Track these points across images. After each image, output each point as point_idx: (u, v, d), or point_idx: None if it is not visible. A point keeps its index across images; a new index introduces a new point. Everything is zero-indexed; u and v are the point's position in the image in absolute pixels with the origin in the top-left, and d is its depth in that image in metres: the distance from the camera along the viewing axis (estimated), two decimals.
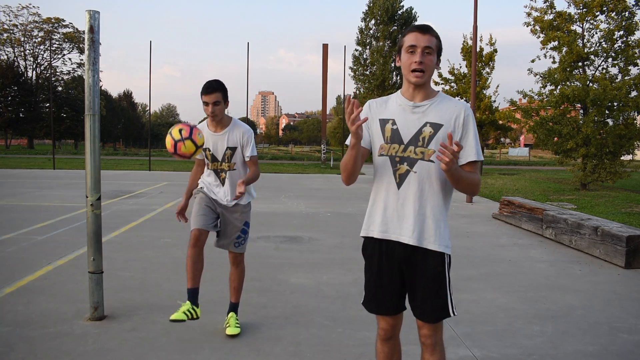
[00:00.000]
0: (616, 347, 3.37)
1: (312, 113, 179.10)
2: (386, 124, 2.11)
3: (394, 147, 2.08)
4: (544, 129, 14.59)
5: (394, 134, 2.08)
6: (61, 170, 20.24)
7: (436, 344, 2.12)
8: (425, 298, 2.07)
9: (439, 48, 2.05)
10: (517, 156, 52.30)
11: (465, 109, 2.08)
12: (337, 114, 72.73)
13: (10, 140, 52.31)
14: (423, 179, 2.04)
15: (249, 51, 24.28)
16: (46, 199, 10.83)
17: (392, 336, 2.21)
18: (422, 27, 2.04)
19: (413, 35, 2.02)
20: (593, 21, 14.50)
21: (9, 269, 4.97)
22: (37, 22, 48.78)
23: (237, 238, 3.43)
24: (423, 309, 2.09)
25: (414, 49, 2.01)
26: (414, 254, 2.06)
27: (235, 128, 3.38)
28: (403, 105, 2.10)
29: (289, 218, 8.73)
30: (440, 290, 2.07)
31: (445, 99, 2.10)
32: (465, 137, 2.06)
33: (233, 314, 3.50)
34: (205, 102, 3.27)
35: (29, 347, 3.16)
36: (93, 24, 3.56)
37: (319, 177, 20.12)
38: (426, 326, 2.10)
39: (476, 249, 6.27)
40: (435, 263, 2.06)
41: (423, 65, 2.00)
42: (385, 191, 2.11)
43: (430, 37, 2.02)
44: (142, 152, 46.86)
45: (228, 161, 3.39)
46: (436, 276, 2.06)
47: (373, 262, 2.16)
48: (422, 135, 2.04)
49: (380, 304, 2.16)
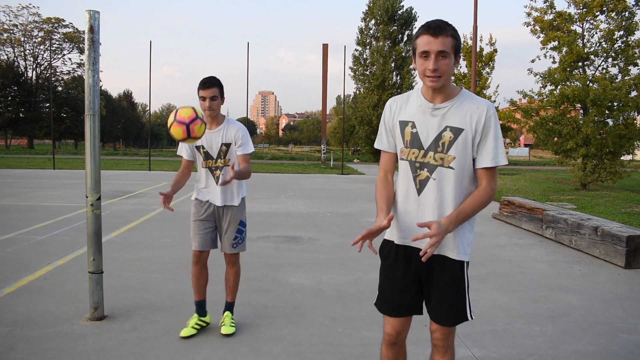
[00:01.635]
0: (616, 347, 3.37)
1: (312, 113, 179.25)
2: (406, 127, 2.05)
3: (413, 152, 2.03)
4: (544, 129, 14.59)
5: (413, 138, 2.02)
6: (61, 170, 20.24)
7: (448, 347, 2.10)
8: (442, 302, 2.04)
9: (456, 47, 1.91)
10: (517, 156, 52.30)
11: (487, 110, 1.96)
12: (337, 114, 72.72)
13: (10, 140, 52.31)
14: (443, 186, 1.99)
15: (249, 51, 24.28)
16: (46, 199, 10.83)
17: (397, 342, 2.18)
18: (434, 28, 1.88)
19: (425, 38, 1.89)
20: (593, 21, 14.49)
21: (9, 269, 4.97)
22: (37, 22, 48.83)
23: (234, 239, 3.45)
24: (439, 313, 2.06)
25: (427, 54, 1.89)
26: (432, 260, 2.01)
27: (230, 125, 3.41)
28: (423, 106, 2.02)
29: (289, 218, 8.72)
30: (459, 294, 2.04)
31: (467, 99, 2.00)
32: (483, 140, 1.97)
33: (228, 313, 3.52)
34: (202, 96, 3.29)
35: (29, 347, 3.16)
36: (93, 24, 3.56)
37: (319, 177, 20.12)
38: (440, 329, 2.07)
39: (476, 249, 6.27)
40: (454, 268, 2.02)
41: (438, 72, 1.89)
42: (405, 196, 2.07)
43: (444, 38, 1.87)
44: (142, 152, 46.86)
45: (223, 157, 3.40)
46: (455, 280, 2.03)
47: (388, 263, 2.13)
48: (441, 140, 1.97)
49: (391, 305, 2.13)
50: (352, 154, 43.72)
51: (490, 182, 1.99)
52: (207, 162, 3.42)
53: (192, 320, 3.44)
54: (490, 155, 1.96)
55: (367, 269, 5.22)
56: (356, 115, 36.58)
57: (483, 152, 1.97)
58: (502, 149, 1.98)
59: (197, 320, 3.45)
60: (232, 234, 3.44)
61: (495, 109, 2.02)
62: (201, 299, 3.50)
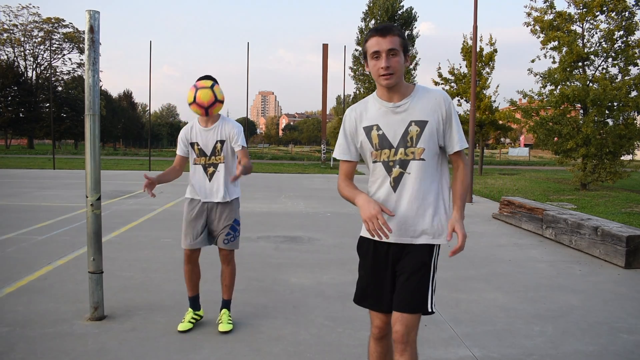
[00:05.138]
0: (616, 347, 3.37)
1: (312, 113, 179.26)
2: (371, 131, 2.10)
3: (384, 153, 2.08)
4: (544, 129, 14.59)
5: (381, 140, 2.08)
6: (61, 170, 20.24)
7: (408, 344, 2.00)
8: (404, 287, 2.04)
9: (404, 45, 2.01)
10: (517, 156, 52.28)
11: (445, 99, 2.07)
12: (337, 114, 72.66)
13: (10, 140, 52.32)
14: (417, 178, 2.05)
15: (249, 51, 24.28)
16: (46, 199, 10.83)
17: (386, 334, 2.18)
18: (381, 29, 1.99)
19: (374, 40, 1.98)
20: (593, 21, 14.49)
21: (9, 269, 4.97)
22: (37, 22, 48.82)
23: (226, 235, 3.46)
24: (399, 299, 2.04)
25: (378, 54, 1.98)
26: (405, 248, 2.08)
27: (225, 123, 3.48)
28: (383, 108, 2.08)
29: (289, 218, 8.72)
30: (422, 281, 2.04)
31: (423, 93, 2.08)
32: (448, 128, 2.07)
33: (226, 311, 3.56)
34: None
35: (29, 347, 3.16)
36: (93, 24, 3.56)
37: (319, 177, 20.12)
38: (400, 320, 2.01)
39: (476, 249, 6.26)
40: (422, 254, 2.06)
41: (390, 69, 1.97)
42: (382, 196, 2.10)
43: (392, 37, 1.97)
44: (142, 152, 46.84)
45: (218, 154, 3.45)
46: (421, 266, 2.05)
47: (368, 259, 2.18)
48: (409, 135, 2.04)
49: (375, 299, 2.15)
50: None
51: (464, 160, 2.14)
52: (200, 159, 3.48)
53: (188, 315, 3.56)
54: (456, 139, 2.08)
55: None
56: None
57: (451, 139, 2.09)
58: (462, 133, 2.11)
59: (192, 314, 3.58)
60: (226, 230, 3.46)
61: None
62: (194, 294, 3.61)
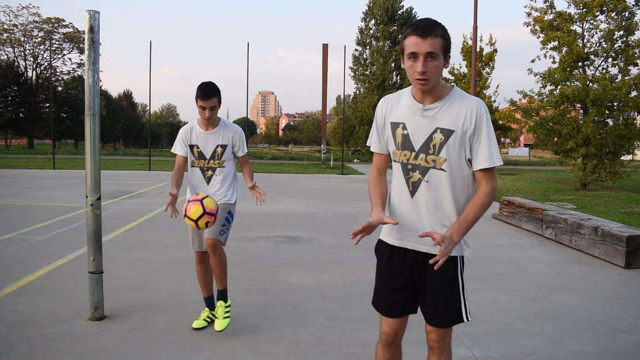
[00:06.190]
0: (616, 347, 3.37)
1: (312, 113, 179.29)
2: (397, 128, 2.03)
3: (405, 154, 2.01)
4: (544, 129, 14.58)
5: (404, 140, 2.00)
6: (61, 170, 20.24)
7: (444, 349, 2.06)
8: (436, 303, 2.00)
9: (445, 48, 1.86)
10: (517, 156, 52.27)
11: (478, 109, 1.92)
12: (337, 114, 72.71)
13: (10, 140, 52.30)
14: (436, 187, 1.97)
15: (249, 51, 24.28)
16: (46, 199, 10.83)
17: (393, 342, 2.16)
18: (423, 29, 1.82)
19: (413, 39, 1.83)
20: (593, 21, 14.49)
21: (9, 269, 4.97)
22: (37, 22, 48.81)
23: (222, 226, 3.45)
24: (434, 314, 2.02)
25: (415, 56, 1.83)
26: (426, 259, 1.99)
27: (227, 128, 3.50)
28: (413, 107, 1.99)
29: (289, 218, 8.72)
30: (453, 294, 2.00)
31: (458, 99, 1.95)
32: (477, 141, 1.93)
33: (221, 302, 3.48)
34: (202, 106, 3.33)
35: (29, 347, 3.16)
36: (93, 24, 3.56)
37: (319, 177, 20.12)
38: (435, 331, 2.04)
39: (476, 249, 6.26)
40: (446, 268, 1.96)
41: (427, 74, 1.84)
42: (398, 198, 2.06)
43: (433, 39, 1.81)
44: (142, 152, 46.83)
45: (218, 158, 3.46)
46: (448, 280, 1.99)
47: (383, 262, 2.13)
48: (432, 142, 1.95)
49: (386, 305, 2.12)
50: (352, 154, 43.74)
51: (489, 182, 1.95)
52: (199, 162, 3.49)
53: (204, 314, 3.62)
54: (485, 156, 1.92)
55: (367, 269, 5.21)
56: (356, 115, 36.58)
57: (478, 153, 1.93)
58: (496, 149, 1.93)
59: (208, 313, 3.63)
60: (221, 220, 3.41)
61: (487, 107, 2.00)
62: (209, 295, 3.66)
